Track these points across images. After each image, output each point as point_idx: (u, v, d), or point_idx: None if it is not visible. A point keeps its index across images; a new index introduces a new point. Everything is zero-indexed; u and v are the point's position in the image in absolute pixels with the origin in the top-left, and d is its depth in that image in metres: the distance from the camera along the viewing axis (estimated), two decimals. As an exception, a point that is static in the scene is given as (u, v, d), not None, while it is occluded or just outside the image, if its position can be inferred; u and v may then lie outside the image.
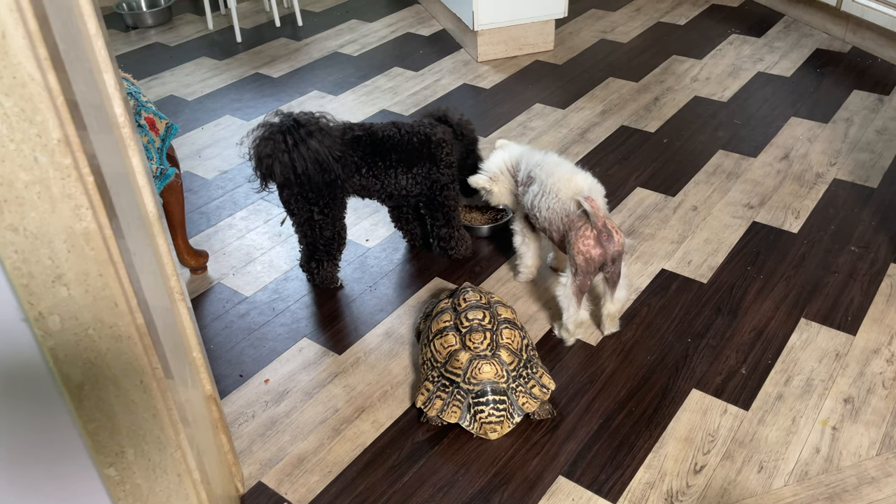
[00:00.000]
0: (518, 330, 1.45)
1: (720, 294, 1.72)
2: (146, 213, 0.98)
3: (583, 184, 1.54)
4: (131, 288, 0.71)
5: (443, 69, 2.84)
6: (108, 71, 0.88)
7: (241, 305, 1.77)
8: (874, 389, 1.47)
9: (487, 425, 1.38)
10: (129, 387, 0.75)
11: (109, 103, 0.89)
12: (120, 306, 0.70)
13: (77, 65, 0.75)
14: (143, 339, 0.74)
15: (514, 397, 1.39)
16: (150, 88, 2.79)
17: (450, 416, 1.39)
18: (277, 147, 1.51)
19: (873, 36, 2.75)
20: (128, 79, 1.63)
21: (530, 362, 1.44)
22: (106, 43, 0.88)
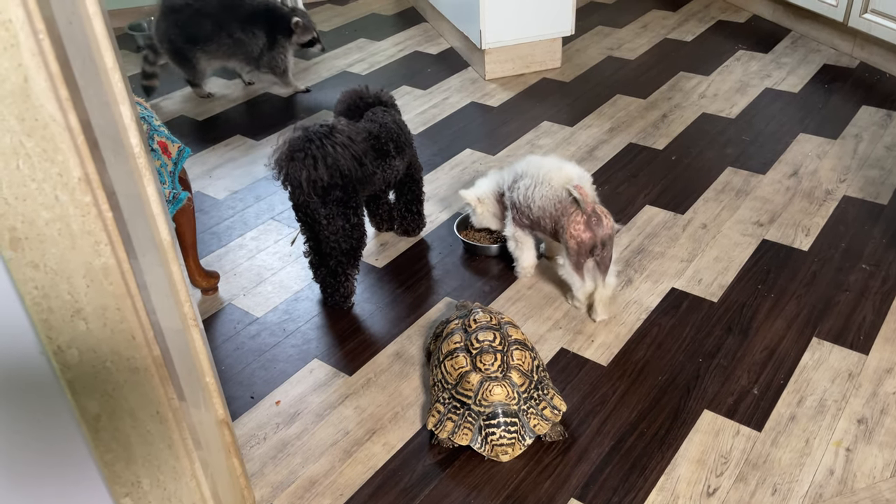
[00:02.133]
0: (529, 351, 1.45)
1: (731, 313, 1.72)
2: (160, 240, 0.99)
3: (572, 172, 1.65)
4: (148, 320, 0.72)
5: (451, 87, 2.86)
6: (125, 103, 0.89)
7: (252, 326, 1.77)
8: (888, 410, 1.46)
9: (499, 448, 1.38)
10: (145, 417, 0.75)
11: (125, 134, 0.90)
12: (137, 339, 0.71)
13: (95, 100, 0.76)
14: (159, 370, 0.74)
15: (525, 419, 1.39)
16: (160, 109, 2.82)
17: (461, 438, 1.39)
18: (320, 152, 1.56)
19: (881, 51, 2.75)
20: (140, 103, 1.65)
21: (541, 384, 1.44)
22: (123, 75, 0.89)
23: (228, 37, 2.71)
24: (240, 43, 2.74)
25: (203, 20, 2.67)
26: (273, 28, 2.75)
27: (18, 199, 0.60)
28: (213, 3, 2.68)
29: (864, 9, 2.68)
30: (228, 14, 2.69)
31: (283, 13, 2.76)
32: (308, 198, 1.61)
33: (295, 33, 2.75)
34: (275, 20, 2.75)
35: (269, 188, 2.28)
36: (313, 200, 1.62)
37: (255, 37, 2.74)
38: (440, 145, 2.48)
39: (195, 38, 2.70)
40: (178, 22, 2.68)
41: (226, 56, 2.77)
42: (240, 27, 2.71)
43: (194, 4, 2.67)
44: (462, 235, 1.99)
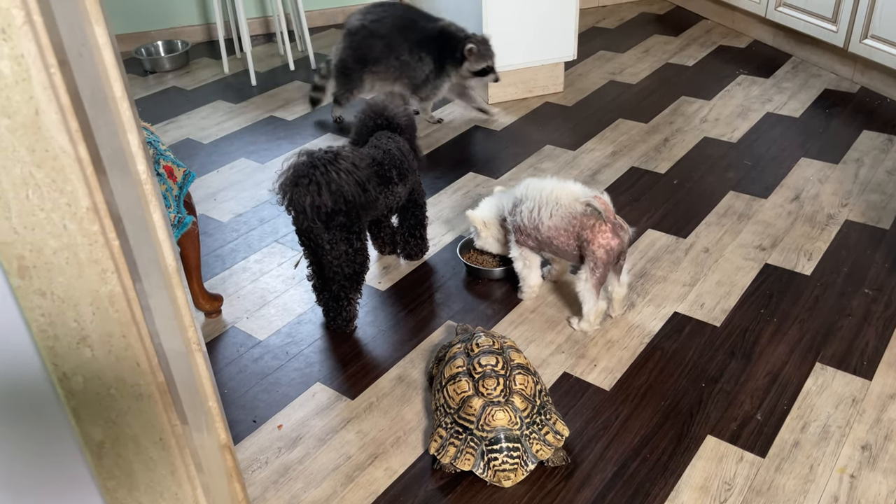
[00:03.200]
0: (531, 375, 1.45)
1: (734, 337, 1.72)
2: (165, 266, 1.00)
3: (577, 189, 1.68)
4: (152, 346, 0.73)
5: (454, 111, 2.88)
6: (132, 131, 0.91)
7: (255, 349, 1.78)
8: (891, 436, 1.45)
9: (501, 473, 1.37)
10: (148, 444, 0.75)
11: (133, 161, 0.92)
12: (142, 365, 0.71)
13: (104, 129, 0.77)
14: (163, 396, 0.75)
15: (527, 444, 1.39)
16: (167, 132, 2.85)
17: (463, 463, 1.38)
18: (324, 178, 1.57)
19: (881, 76, 2.78)
20: (147, 127, 1.67)
21: (544, 408, 1.44)
22: (131, 103, 0.91)
23: (396, 59, 2.63)
24: (406, 66, 2.64)
25: (375, 41, 2.62)
26: (443, 53, 2.60)
27: (27, 228, 0.61)
28: (386, 25, 2.61)
29: (865, 34, 2.71)
30: (400, 36, 2.61)
31: (456, 39, 2.59)
32: (312, 223, 1.62)
33: (467, 60, 2.56)
34: (446, 45, 2.59)
35: (273, 211, 2.29)
36: (317, 226, 1.63)
37: (421, 62, 2.62)
38: (443, 169, 2.49)
39: (365, 59, 2.65)
40: (353, 43, 2.64)
41: (392, 79, 2.69)
42: (408, 50, 2.61)
43: (369, 26, 2.62)
44: (465, 258, 2.00)
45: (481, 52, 2.55)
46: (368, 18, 2.63)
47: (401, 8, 2.67)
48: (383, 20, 2.61)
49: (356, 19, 2.66)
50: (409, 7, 2.69)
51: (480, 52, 2.55)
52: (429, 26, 2.61)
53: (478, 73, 2.60)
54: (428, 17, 2.65)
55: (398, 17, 2.63)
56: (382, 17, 2.62)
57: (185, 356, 1.02)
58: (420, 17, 2.64)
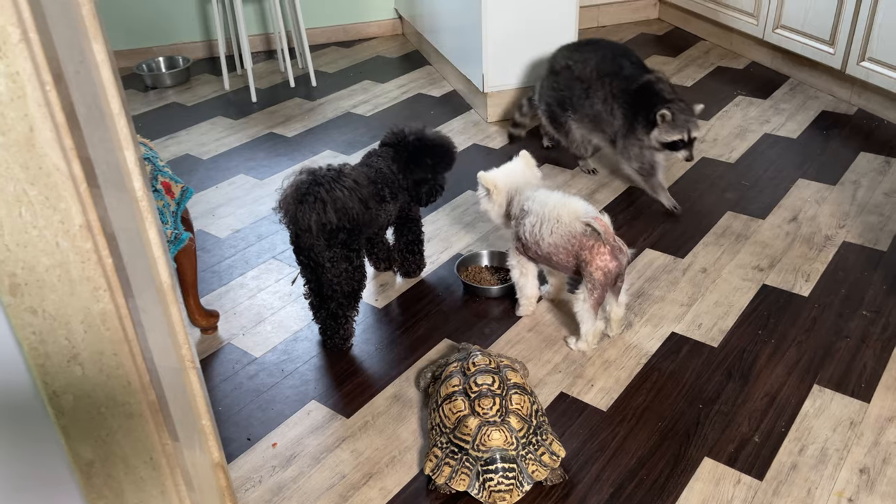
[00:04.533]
0: (528, 395, 1.44)
1: (731, 358, 1.71)
2: (160, 283, 0.99)
3: (579, 206, 1.68)
4: (144, 365, 0.72)
5: (453, 129, 2.89)
6: (129, 148, 0.91)
7: (251, 366, 1.77)
8: (890, 459, 1.44)
9: (496, 494, 1.36)
10: (138, 464, 0.75)
11: (129, 178, 0.92)
12: (133, 384, 0.71)
13: (100, 146, 0.77)
14: (154, 415, 0.74)
15: (523, 465, 1.37)
16: (167, 147, 2.85)
17: (458, 484, 1.37)
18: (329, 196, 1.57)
19: (879, 98, 2.79)
20: (145, 143, 1.67)
21: (540, 428, 1.43)
22: (128, 121, 0.91)
23: (591, 108, 2.34)
24: (598, 118, 2.35)
25: (576, 85, 2.37)
26: (636, 111, 2.23)
27: (19, 245, 0.61)
28: (590, 68, 2.33)
29: (862, 57, 2.72)
30: (600, 83, 2.31)
31: (654, 98, 2.20)
32: (316, 240, 1.62)
33: (657, 127, 2.16)
34: (642, 103, 2.22)
35: (271, 227, 2.29)
36: (320, 243, 1.63)
37: (612, 115, 2.30)
38: (442, 186, 2.50)
39: (564, 103, 2.42)
40: (555, 84, 2.43)
41: (589, 128, 2.40)
42: (603, 99, 2.31)
43: (573, 67, 2.37)
44: (462, 276, 2.00)
45: (676, 121, 2.14)
46: (574, 58, 2.38)
47: (612, 50, 2.35)
48: (588, 62, 2.34)
49: (562, 58, 2.43)
50: (622, 51, 2.35)
51: (675, 120, 2.14)
52: (633, 76, 2.26)
53: (667, 146, 2.19)
54: (638, 65, 2.31)
55: (605, 60, 2.32)
56: (587, 59, 2.34)
57: (178, 373, 1.01)
58: (628, 65, 2.29)
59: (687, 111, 2.17)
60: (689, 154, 2.20)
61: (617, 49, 2.36)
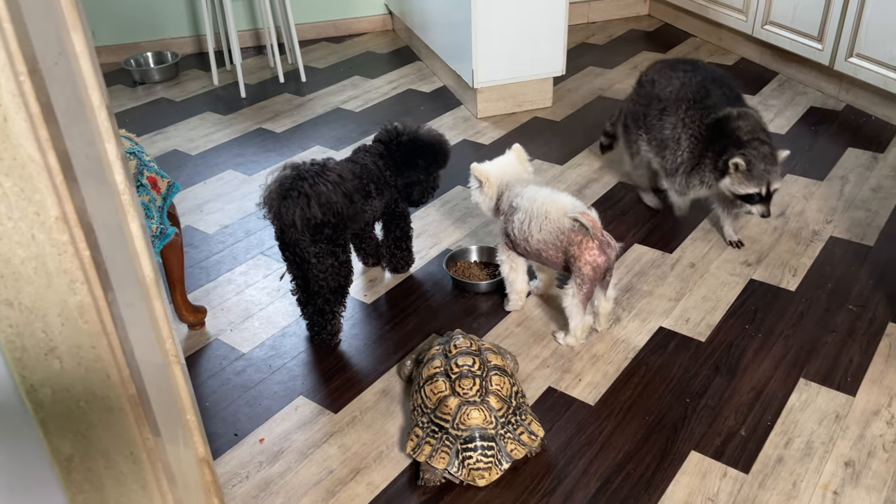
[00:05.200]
0: (508, 377, 1.46)
1: (718, 353, 1.72)
2: (143, 277, 0.98)
3: (567, 202, 1.68)
4: (124, 359, 0.72)
5: (443, 125, 2.89)
6: (111, 140, 0.90)
7: (238, 362, 1.76)
8: (875, 452, 1.45)
9: (475, 472, 1.38)
10: (118, 458, 0.74)
11: (110, 171, 0.91)
12: (112, 378, 0.70)
13: (79, 138, 0.76)
14: (134, 409, 0.74)
15: (502, 444, 1.40)
16: (155, 143, 2.84)
17: (438, 462, 1.39)
18: (313, 190, 1.56)
19: (866, 94, 2.80)
20: (131, 138, 1.66)
21: (519, 409, 1.46)
22: (109, 113, 0.90)
23: (660, 132, 2.08)
24: (663, 144, 2.07)
25: (653, 103, 2.10)
26: (706, 148, 1.94)
27: (-5, 237, 0.60)
28: (671, 88, 2.07)
29: (850, 53, 2.73)
30: (675, 106, 2.03)
31: (728, 138, 1.90)
32: (301, 236, 1.61)
33: (728, 175, 1.87)
34: (714, 141, 1.92)
35: (260, 223, 2.28)
36: (305, 238, 1.62)
37: (678, 146, 2.02)
38: (431, 182, 2.49)
39: (638, 120, 2.17)
40: (636, 98, 2.19)
41: (653, 152, 2.13)
42: (672, 126, 2.03)
43: (657, 83, 2.12)
44: (451, 272, 2.00)
45: (752, 170, 1.84)
46: (661, 74, 2.13)
47: (705, 74, 2.06)
48: (672, 81, 2.07)
49: (651, 71, 2.18)
50: (717, 77, 2.05)
51: (751, 170, 1.84)
52: (714, 107, 1.96)
53: (740, 197, 1.90)
54: (730, 96, 2.01)
55: (690, 83, 2.04)
56: (673, 78, 2.08)
57: (162, 368, 1.01)
58: (716, 93, 2.00)
59: (768, 158, 1.84)
60: (766, 210, 1.88)
61: (712, 74, 2.07)
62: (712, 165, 1.92)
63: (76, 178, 0.67)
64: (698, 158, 1.96)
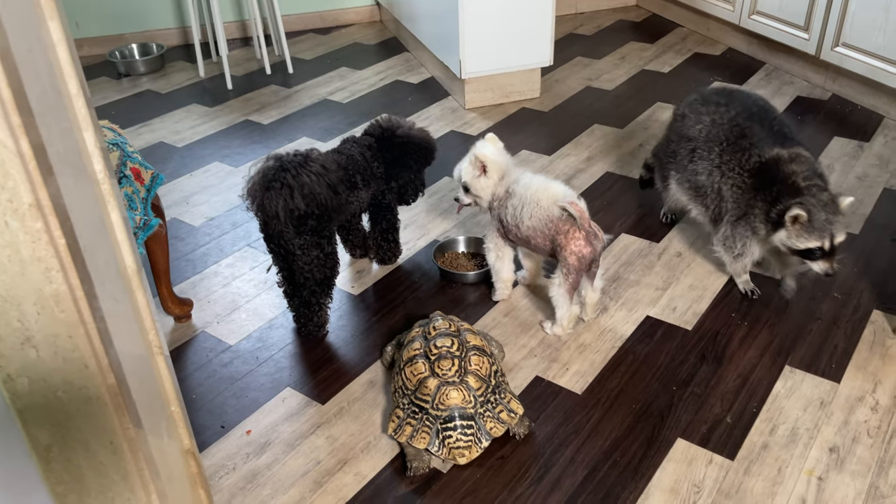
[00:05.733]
0: (487, 357, 1.48)
1: (705, 341, 1.73)
2: (124, 267, 0.98)
3: (559, 190, 1.67)
4: (102, 348, 0.71)
5: (431, 116, 2.88)
6: (89, 129, 0.89)
7: (225, 354, 1.75)
8: (859, 438, 1.46)
9: (456, 450, 1.40)
10: (98, 448, 0.74)
11: (89, 160, 0.90)
12: (90, 367, 0.69)
13: (55, 126, 0.76)
14: (113, 399, 0.73)
15: (481, 422, 1.42)
16: (140, 135, 2.82)
17: (419, 441, 1.41)
18: (296, 181, 1.55)
19: (852, 84, 2.81)
20: (114, 129, 1.65)
21: (499, 388, 1.48)
22: (87, 102, 0.89)
23: (694, 175, 1.82)
24: (700, 189, 1.82)
25: (684, 142, 1.86)
26: (755, 195, 1.70)
27: (-32, 225, 0.59)
28: (702, 126, 1.83)
29: (836, 42, 2.74)
30: (708, 149, 1.79)
31: (784, 185, 1.65)
32: (284, 227, 1.60)
33: (785, 228, 1.63)
34: (765, 186, 1.67)
35: (246, 215, 2.27)
36: (289, 230, 1.61)
37: (719, 193, 1.76)
38: (419, 173, 2.48)
39: (669, 157, 1.93)
40: (670, 132, 1.96)
41: (687, 197, 1.90)
42: (709, 169, 1.79)
43: (688, 119, 1.87)
44: (439, 263, 1.99)
45: (814, 222, 1.61)
46: (694, 108, 1.88)
47: (744, 107, 1.80)
48: (701, 118, 1.84)
49: (686, 104, 1.92)
50: (759, 110, 1.79)
51: (812, 222, 1.61)
52: (755, 148, 1.72)
53: (799, 253, 1.66)
54: (776, 132, 1.75)
55: (723, 122, 1.80)
56: (703, 115, 1.84)
57: (145, 359, 1.00)
58: (754, 132, 1.75)
59: (829, 207, 1.62)
60: (830, 267, 1.64)
61: (753, 106, 1.80)
62: (763, 216, 1.68)
63: (51, 166, 0.66)
64: (745, 208, 1.72)
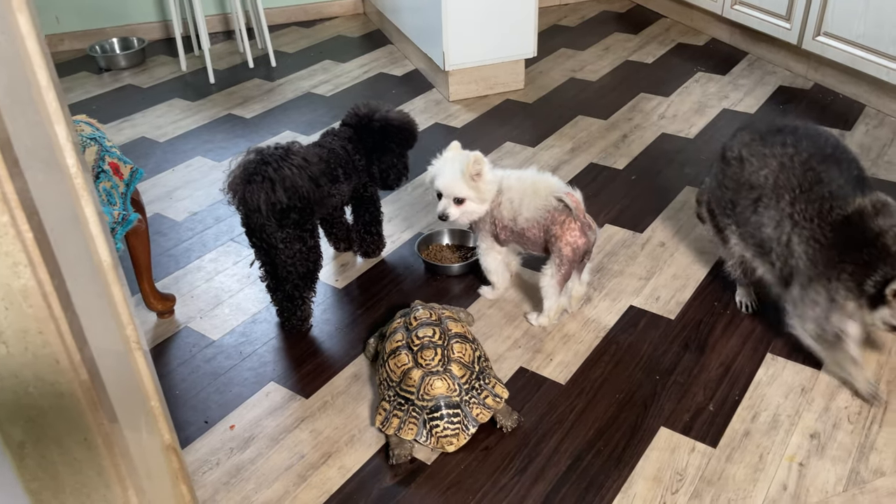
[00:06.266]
0: (469, 343, 1.50)
1: (688, 330, 1.73)
2: (99, 261, 0.97)
3: (554, 182, 1.69)
4: (74, 344, 0.70)
5: (415, 108, 2.87)
6: (60, 122, 0.88)
7: (208, 349, 1.74)
8: (840, 424, 1.48)
9: (444, 439, 1.41)
10: (72, 445, 0.73)
11: (61, 154, 0.89)
12: (62, 363, 0.69)
13: (23, 119, 0.74)
14: (87, 395, 0.72)
15: (467, 409, 1.43)
16: (122, 130, 2.79)
17: (407, 433, 1.42)
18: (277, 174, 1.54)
19: (834, 73, 2.83)
20: (92, 123, 1.63)
21: (483, 373, 1.49)
22: (58, 94, 0.88)
23: (758, 228, 1.57)
24: (763, 244, 1.58)
25: (745, 189, 1.60)
26: (837, 256, 1.43)
27: (-68, 220, 0.58)
28: (768, 171, 1.55)
29: (818, 32, 2.75)
30: (777, 197, 1.52)
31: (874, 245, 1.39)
32: (266, 220, 1.59)
33: (888, 304, 1.38)
34: (849, 245, 1.43)
35: (229, 210, 2.26)
36: (271, 223, 1.60)
37: (788, 248, 1.51)
38: (403, 166, 2.48)
39: (726, 208, 1.66)
40: (721, 177, 1.67)
41: (753, 252, 1.63)
42: (777, 220, 1.53)
43: (747, 162, 1.59)
44: (423, 255, 1.99)
45: None
46: (753, 149, 1.59)
47: (815, 145, 1.53)
48: (766, 161, 1.56)
49: (739, 143, 1.64)
50: (832, 149, 1.52)
51: None
52: (835, 198, 1.45)
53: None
54: (848, 178, 1.48)
55: (793, 165, 1.52)
56: (768, 157, 1.56)
57: (122, 355, 0.99)
58: (832, 177, 1.47)
59: None
60: None
61: (822, 146, 1.53)
62: (853, 286, 1.42)
63: (17, 159, 0.65)
64: (825, 268, 1.45)
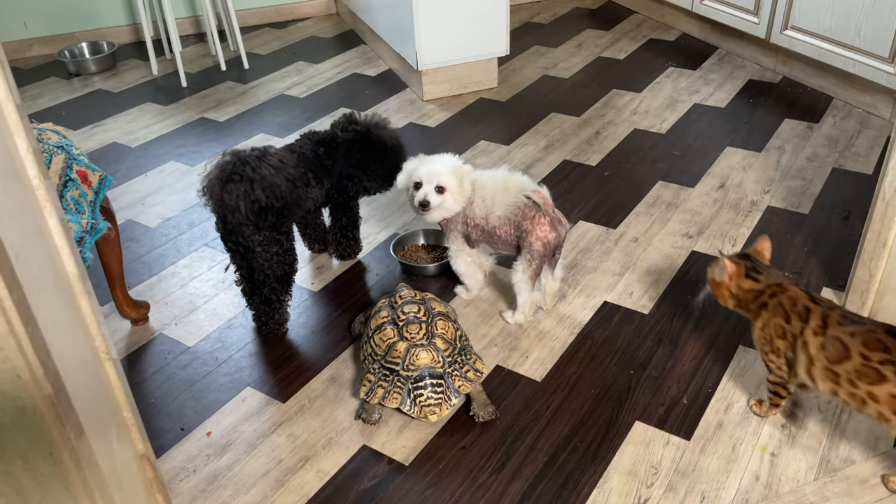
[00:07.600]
0: (451, 322, 1.54)
1: (661, 324, 1.75)
2: (65, 273, 0.96)
3: (523, 180, 1.70)
4: (37, 358, 0.70)
5: (389, 108, 2.87)
6: (20, 134, 0.87)
7: (184, 356, 1.73)
8: (810, 413, 1.50)
9: (427, 408, 1.44)
10: (37, 459, 0.73)
11: (22, 166, 0.88)
12: (23, 378, 0.68)
13: (-21, 133, 0.74)
14: (51, 409, 0.72)
15: (450, 381, 1.47)
16: (93, 136, 2.76)
17: (391, 402, 1.45)
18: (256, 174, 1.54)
19: (802, 66, 2.86)
20: (58, 131, 1.61)
21: (464, 350, 1.53)
22: (17, 106, 0.87)
23: None
24: None
25: None
26: None
27: None
28: None
29: (785, 25, 2.79)
30: None
31: None
32: (245, 220, 1.58)
33: None
34: None
35: (203, 214, 2.24)
36: (249, 224, 1.60)
37: None
38: (377, 167, 2.47)
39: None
40: None
41: None
42: None
43: None
44: (398, 256, 1.99)
45: None
46: None
47: None
48: None
49: None
50: None
51: None
52: None
53: None
54: None
55: None
56: None
57: (91, 366, 0.99)
58: None
59: None
60: None
61: None
62: None
63: (-27, 174, 0.65)
64: None
